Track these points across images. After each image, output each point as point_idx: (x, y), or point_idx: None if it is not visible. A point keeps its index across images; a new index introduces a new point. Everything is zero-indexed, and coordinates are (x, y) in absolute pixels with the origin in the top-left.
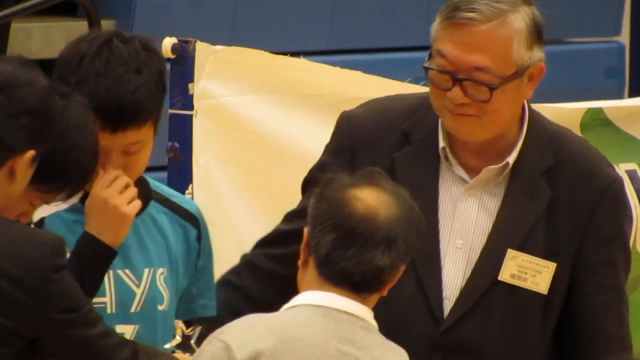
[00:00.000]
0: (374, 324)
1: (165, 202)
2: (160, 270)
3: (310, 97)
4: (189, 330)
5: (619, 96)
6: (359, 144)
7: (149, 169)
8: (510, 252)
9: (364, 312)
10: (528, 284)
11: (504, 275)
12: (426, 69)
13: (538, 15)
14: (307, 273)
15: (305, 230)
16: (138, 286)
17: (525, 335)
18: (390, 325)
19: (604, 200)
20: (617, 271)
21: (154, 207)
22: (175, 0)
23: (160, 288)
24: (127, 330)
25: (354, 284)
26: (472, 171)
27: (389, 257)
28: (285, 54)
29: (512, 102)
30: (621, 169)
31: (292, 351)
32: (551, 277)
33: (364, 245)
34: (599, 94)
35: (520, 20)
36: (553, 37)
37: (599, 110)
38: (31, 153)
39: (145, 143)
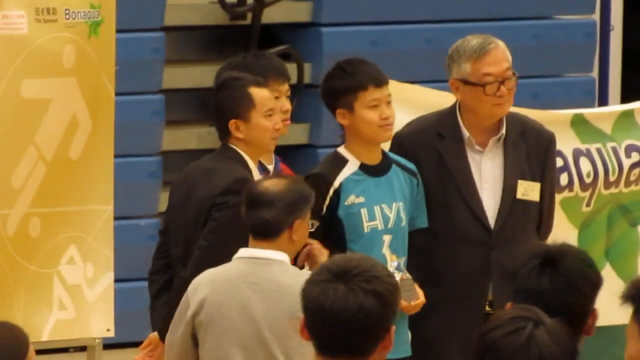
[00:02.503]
0: (280, 258)
1: (398, 164)
2: (401, 203)
3: (422, 108)
4: (397, 260)
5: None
6: (415, 143)
7: None
8: (519, 182)
9: (268, 253)
10: (530, 197)
11: (519, 195)
12: (482, 87)
13: None
14: (250, 236)
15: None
16: (390, 212)
17: (528, 226)
18: (456, 235)
19: (551, 145)
20: (554, 184)
21: (394, 167)
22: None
23: (401, 214)
24: (386, 239)
25: (260, 234)
26: (482, 144)
27: (270, 212)
28: (407, 82)
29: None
30: (592, 146)
31: (216, 291)
32: (539, 191)
33: (257, 208)
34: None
35: (502, 43)
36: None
37: (581, 114)
38: None
39: None
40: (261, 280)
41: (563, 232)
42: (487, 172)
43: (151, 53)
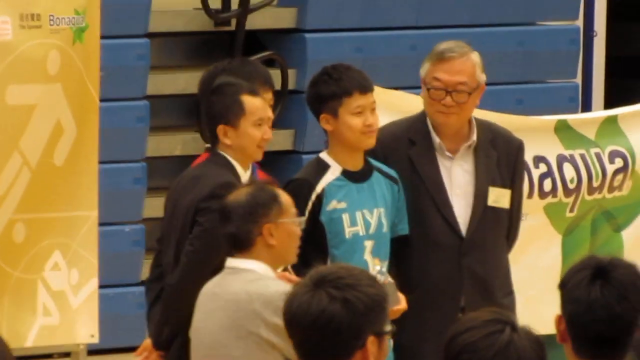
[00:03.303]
0: (248, 267)
1: (379, 170)
2: (382, 209)
3: (405, 113)
4: (380, 264)
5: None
6: (386, 150)
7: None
8: (490, 188)
9: (238, 263)
10: (500, 204)
11: (490, 202)
12: (428, 89)
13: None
14: None
15: None
16: (371, 218)
17: (499, 233)
18: (429, 242)
19: (520, 153)
20: (522, 191)
21: (375, 174)
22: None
23: (382, 220)
24: (368, 244)
25: (235, 247)
26: (453, 151)
27: (234, 225)
28: (391, 88)
29: (474, 104)
30: (576, 152)
31: (197, 305)
32: (509, 198)
33: (224, 223)
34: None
35: (476, 56)
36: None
37: (565, 120)
38: None
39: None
40: (221, 291)
41: (547, 237)
42: (457, 179)
43: (136, 59)
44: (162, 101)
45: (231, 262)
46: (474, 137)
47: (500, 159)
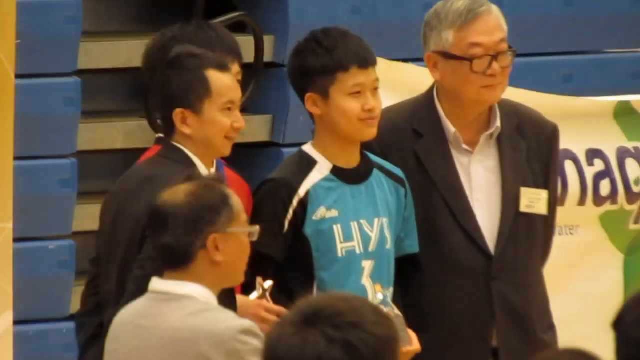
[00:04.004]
0: (185, 292)
1: (381, 169)
2: (385, 219)
3: (417, 93)
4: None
5: None
6: (385, 145)
7: None
8: (522, 189)
9: (171, 286)
10: (536, 210)
11: (522, 207)
12: (468, 61)
13: None
14: None
15: None
16: (371, 231)
17: (535, 249)
18: (446, 264)
19: (554, 141)
20: (557, 191)
21: (376, 173)
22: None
23: (386, 232)
24: (366, 265)
25: (165, 263)
26: (471, 143)
27: (172, 235)
28: (398, 60)
29: None
30: None
31: (111, 338)
32: (547, 201)
33: (154, 233)
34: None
35: (496, 8)
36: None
37: (627, 102)
38: None
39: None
40: (152, 324)
41: (604, 257)
42: (478, 179)
43: (64, 23)
44: (99, 78)
45: (162, 284)
46: (497, 122)
47: (531, 151)
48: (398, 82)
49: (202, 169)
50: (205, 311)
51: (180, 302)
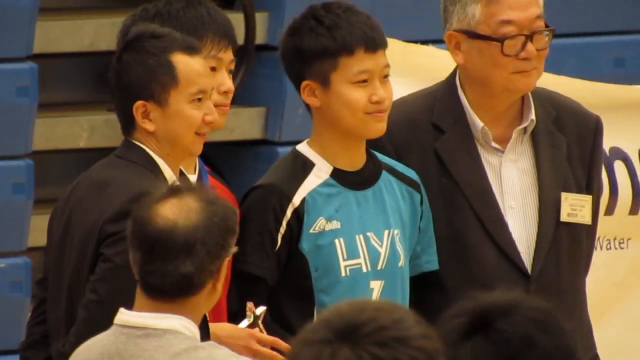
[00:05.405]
0: (168, 326)
1: (392, 171)
2: (397, 230)
3: (438, 80)
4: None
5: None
6: (399, 143)
7: None
8: (563, 195)
9: (150, 320)
10: (578, 219)
11: (564, 216)
12: (499, 42)
13: None
14: (138, 290)
15: None
16: (381, 245)
17: (579, 266)
18: (477, 284)
19: (597, 135)
20: (600, 195)
21: (385, 175)
22: None
23: (398, 247)
24: (375, 286)
25: (166, 294)
26: (501, 140)
27: (191, 263)
28: (416, 42)
29: None
30: None
31: None
32: (591, 208)
33: (166, 258)
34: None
35: None
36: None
37: None
38: None
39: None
40: None
41: None
42: (511, 183)
43: None
44: (58, 64)
45: (136, 316)
46: (532, 115)
47: (572, 148)
48: (413, 67)
49: (167, 172)
50: (199, 349)
51: (163, 338)
